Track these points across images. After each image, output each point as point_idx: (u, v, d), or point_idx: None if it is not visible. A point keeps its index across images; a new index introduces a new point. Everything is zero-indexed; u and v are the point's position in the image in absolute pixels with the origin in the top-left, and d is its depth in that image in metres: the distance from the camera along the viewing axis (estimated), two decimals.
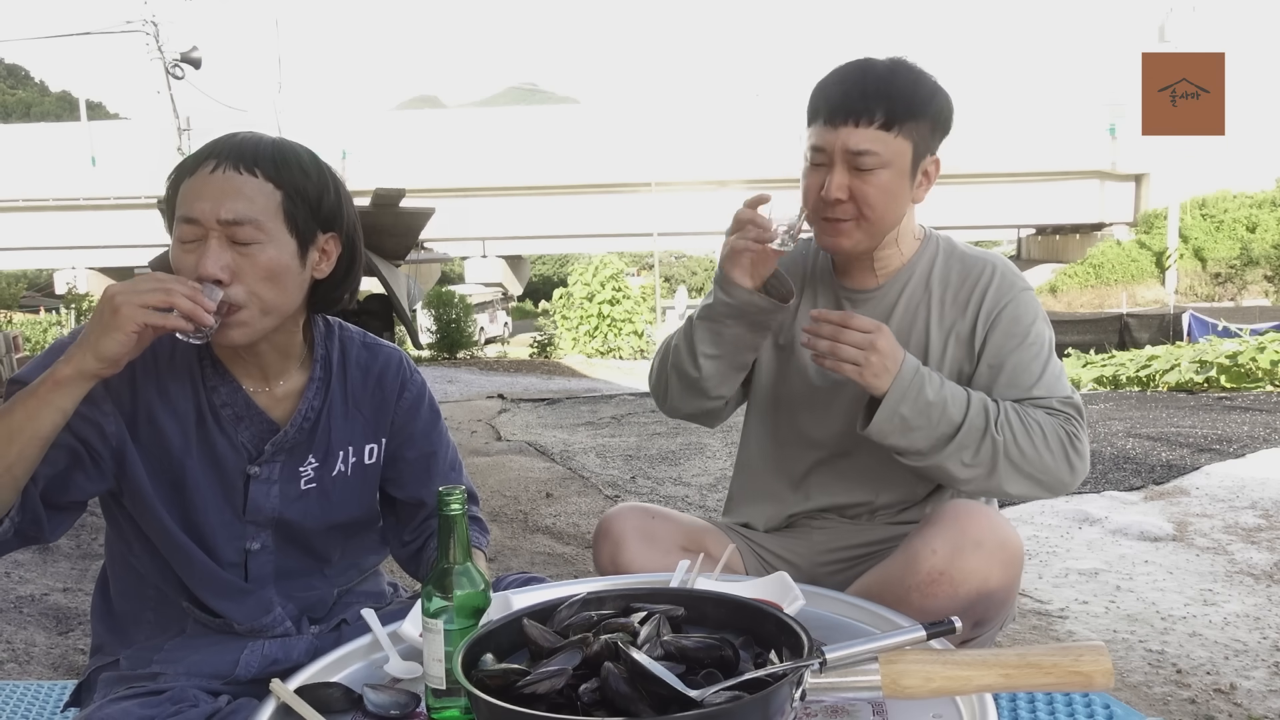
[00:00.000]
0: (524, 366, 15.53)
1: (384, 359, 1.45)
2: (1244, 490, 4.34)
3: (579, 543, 3.78)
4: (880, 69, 1.48)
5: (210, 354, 1.31)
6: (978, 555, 1.34)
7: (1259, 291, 23.12)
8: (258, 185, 1.22)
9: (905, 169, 1.49)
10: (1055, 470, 1.44)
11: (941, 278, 1.60)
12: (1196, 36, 20.48)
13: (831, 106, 1.48)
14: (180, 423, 1.29)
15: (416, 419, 1.47)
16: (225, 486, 1.32)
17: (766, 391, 1.71)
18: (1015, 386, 1.50)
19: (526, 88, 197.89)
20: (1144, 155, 25.10)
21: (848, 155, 1.47)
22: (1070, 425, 1.46)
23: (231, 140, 1.25)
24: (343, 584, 1.47)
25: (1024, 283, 1.59)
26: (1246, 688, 2.33)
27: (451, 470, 1.52)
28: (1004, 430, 1.41)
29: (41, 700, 1.78)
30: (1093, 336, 15.36)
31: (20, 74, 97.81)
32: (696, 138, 27.08)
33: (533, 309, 35.40)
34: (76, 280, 26.23)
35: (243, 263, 1.21)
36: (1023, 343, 1.52)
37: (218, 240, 1.20)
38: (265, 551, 1.36)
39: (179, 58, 18.47)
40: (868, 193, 1.48)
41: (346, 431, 1.40)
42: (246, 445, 1.32)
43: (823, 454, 1.66)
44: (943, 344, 1.57)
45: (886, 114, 1.45)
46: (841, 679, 0.89)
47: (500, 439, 6.64)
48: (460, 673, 0.90)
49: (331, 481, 1.39)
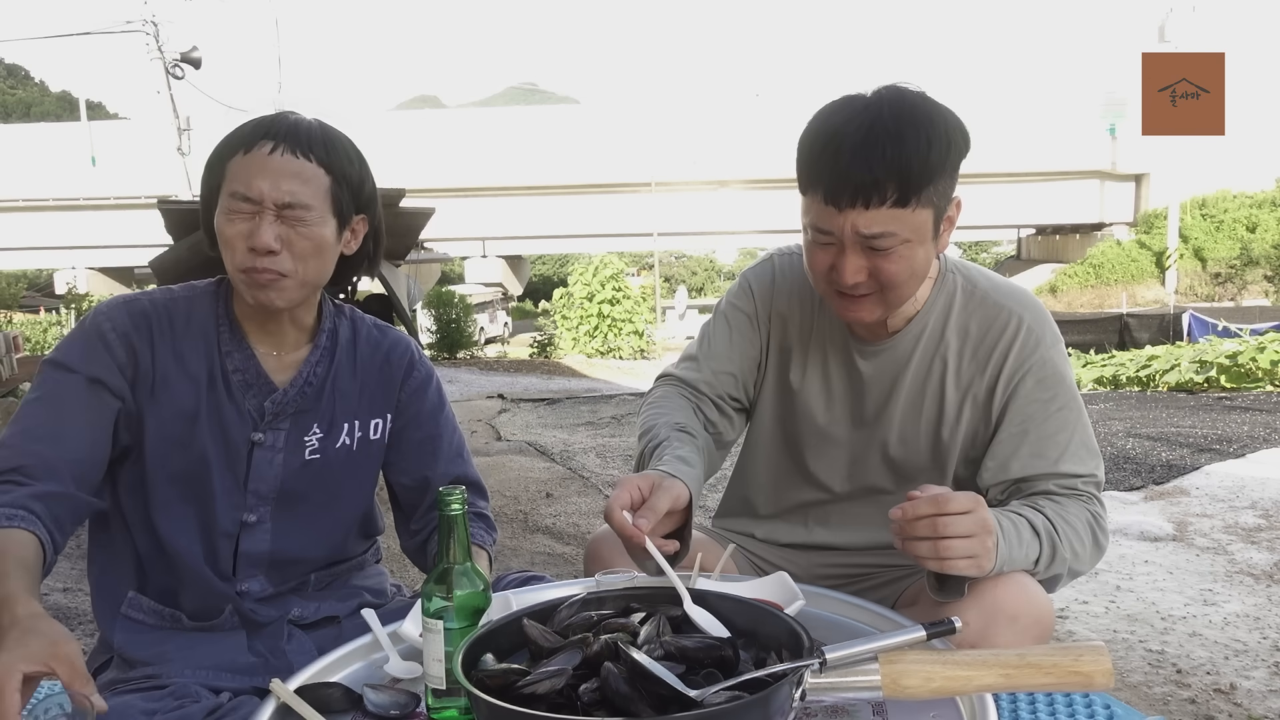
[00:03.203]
0: (524, 366, 15.54)
1: (393, 339, 1.50)
2: (1244, 490, 4.34)
3: (579, 543, 3.78)
4: (885, 127, 1.23)
5: (229, 318, 1.37)
6: (1011, 631, 1.20)
7: (1259, 291, 23.13)
8: (312, 170, 1.29)
9: (927, 235, 1.30)
10: (1091, 562, 1.37)
11: (960, 327, 1.43)
12: (1196, 36, 20.48)
13: (831, 183, 1.25)
14: (194, 384, 1.33)
15: (423, 400, 1.50)
16: (229, 452, 1.35)
17: (769, 429, 1.60)
18: (1041, 458, 1.37)
19: (526, 88, 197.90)
20: (1144, 155, 25.12)
21: (859, 238, 1.27)
22: (1094, 507, 1.36)
23: (284, 122, 1.30)
24: (328, 577, 1.48)
25: (1052, 335, 1.41)
26: (1246, 688, 2.33)
27: (458, 457, 1.54)
28: (1065, 549, 1.31)
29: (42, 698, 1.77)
30: (1093, 336, 15.37)
31: (20, 74, 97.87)
32: (696, 138, 27.10)
33: (533, 309, 35.41)
34: (76, 280, 26.25)
35: (292, 236, 1.28)
36: (1048, 410, 1.38)
37: (271, 215, 1.27)
38: (261, 526, 1.37)
39: (179, 58, 18.45)
40: (889, 271, 1.29)
41: (352, 403, 1.43)
42: (252, 413, 1.36)
43: (826, 496, 1.57)
44: (959, 405, 1.44)
45: (900, 188, 1.23)
46: (841, 679, 0.89)
47: (500, 439, 6.64)
48: (460, 673, 0.90)
49: (335, 454, 1.41)
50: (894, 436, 1.49)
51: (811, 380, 1.53)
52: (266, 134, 1.28)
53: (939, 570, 1.16)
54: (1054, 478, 1.37)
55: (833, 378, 1.52)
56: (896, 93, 1.28)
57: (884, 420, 1.49)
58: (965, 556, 1.14)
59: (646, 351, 18.60)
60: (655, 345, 19.22)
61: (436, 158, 27.46)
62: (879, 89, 1.30)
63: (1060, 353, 1.42)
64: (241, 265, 1.28)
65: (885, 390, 1.48)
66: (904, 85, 1.31)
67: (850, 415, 1.52)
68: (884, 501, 1.42)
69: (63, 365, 1.28)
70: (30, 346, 14.14)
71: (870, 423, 1.51)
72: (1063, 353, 1.43)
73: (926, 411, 1.46)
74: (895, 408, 1.48)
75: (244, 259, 1.27)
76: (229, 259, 1.30)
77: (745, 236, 32.25)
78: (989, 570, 1.18)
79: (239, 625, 1.37)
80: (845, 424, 1.53)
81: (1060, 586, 1.38)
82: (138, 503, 1.32)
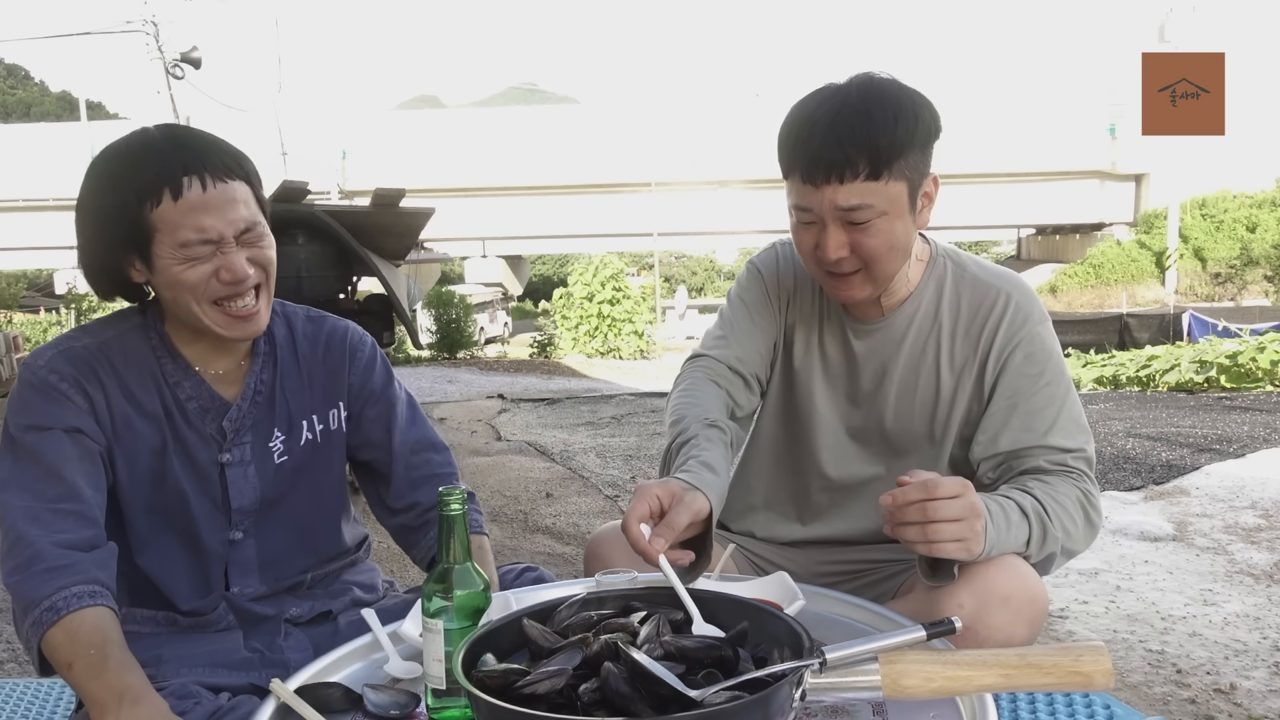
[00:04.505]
0: (524, 366, 15.53)
1: (329, 327, 1.49)
2: (1244, 490, 4.34)
3: (579, 543, 3.78)
4: (854, 108, 1.31)
5: (167, 347, 1.34)
6: (1004, 612, 1.23)
7: (1259, 291, 23.11)
8: (241, 186, 1.27)
9: (904, 208, 1.36)
10: (1085, 541, 1.38)
11: (951, 307, 1.49)
12: (1196, 36, 20.48)
13: (807, 162, 1.33)
14: (152, 420, 1.32)
15: (371, 377, 1.51)
16: (202, 478, 1.35)
17: (773, 411, 1.63)
18: (1029, 431, 1.40)
19: (526, 88, 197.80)
20: (1144, 155, 25.09)
21: (838, 212, 1.33)
22: (1084, 485, 1.38)
23: (185, 152, 1.23)
24: (323, 575, 1.48)
25: (1039, 313, 1.47)
26: (1246, 688, 2.33)
27: (414, 422, 1.54)
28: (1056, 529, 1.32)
29: (41, 700, 1.78)
30: (1093, 336, 15.36)
31: (20, 74, 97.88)
32: (696, 138, 27.08)
33: (533, 309, 35.39)
34: (76, 280, 26.19)
35: (257, 255, 1.28)
36: (1036, 384, 1.42)
37: (232, 245, 1.25)
38: (247, 538, 1.39)
39: (179, 58, 18.44)
40: (869, 245, 1.35)
41: (305, 401, 1.43)
42: (214, 435, 1.36)
43: (824, 483, 1.59)
44: (954, 384, 1.48)
45: (871, 162, 1.30)
46: (841, 679, 0.89)
47: (500, 439, 6.64)
48: (460, 673, 0.90)
49: (302, 450, 1.42)
50: (889, 414, 1.52)
51: (811, 359, 1.57)
52: (183, 170, 1.22)
53: (928, 554, 1.19)
54: (1043, 451, 1.39)
55: (830, 356, 1.56)
56: (866, 77, 1.36)
57: (879, 398, 1.52)
58: (954, 540, 1.17)
59: (646, 352, 18.59)
60: (655, 345, 19.22)
61: (436, 158, 27.44)
62: (852, 76, 1.38)
63: (1048, 330, 1.46)
64: (213, 297, 1.26)
65: (879, 369, 1.51)
66: (875, 73, 1.38)
67: (846, 393, 1.55)
68: (880, 489, 1.42)
69: (35, 426, 1.24)
70: (30, 346, 14.13)
71: (865, 401, 1.53)
72: (1050, 331, 1.47)
73: (921, 392, 1.48)
74: (890, 387, 1.51)
75: (217, 292, 1.26)
76: (190, 301, 1.26)
77: (745, 236, 32.22)
78: (978, 554, 1.20)
79: (235, 624, 1.37)
80: (843, 402, 1.55)
81: (1055, 568, 1.39)
82: (117, 538, 1.30)
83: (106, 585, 1.19)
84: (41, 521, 1.19)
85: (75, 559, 1.17)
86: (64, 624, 1.12)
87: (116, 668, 1.10)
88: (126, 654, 1.13)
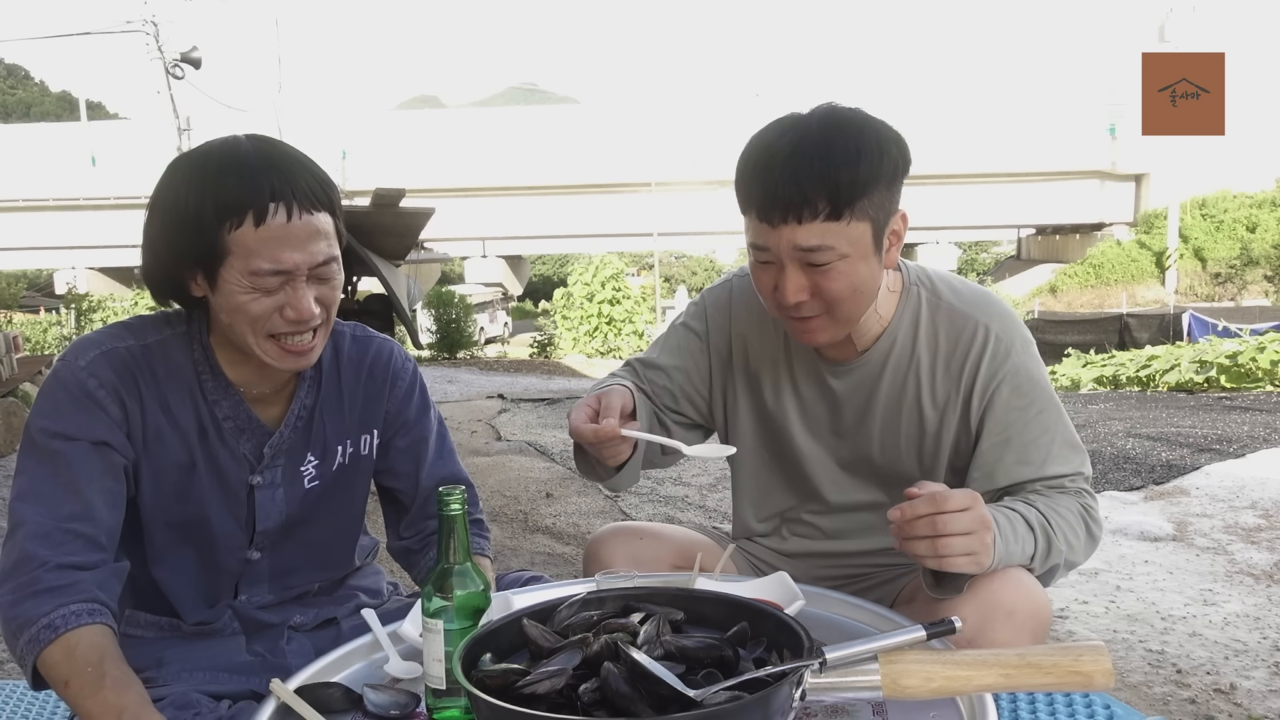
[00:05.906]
0: (524, 366, 15.53)
1: (375, 351, 1.44)
2: (1244, 490, 4.34)
3: (579, 543, 3.78)
4: (813, 140, 1.23)
5: (210, 363, 1.29)
6: (1008, 626, 1.19)
7: (1259, 291, 23.13)
8: (326, 219, 1.20)
9: (868, 249, 1.27)
10: (1086, 553, 1.38)
11: (929, 340, 1.42)
12: (1196, 36, 20.49)
13: (763, 200, 1.25)
14: (184, 435, 1.28)
15: (409, 405, 1.47)
16: (229, 499, 1.32)
17: (754, 451, 1.58)
18: (1027, 464, 1.36)
19: (526, 88, 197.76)
20: (1144, 155, 25.12)
21: (797, 253, 1.25)
22: (1084, 499, 1.37)
23: (275, 174, 1.16)
24: (330, 585, 1.48)
25: (1021, 340, 1.40)
26: (1246, 688, 2.33)
27: (444, 457, 1.50)
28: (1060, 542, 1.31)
29: (41, 700, 1.77)
30: (1093, 336, 15.39)
31: (20, 74, 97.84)
32: (696, 138, 27.07)
33: (533, 309, 35.40)
34: (76, 280, 26.20)
35: (324, 291, 1.22)
36: (1027, 415, 1.37)
37: (303, 279, 1.19)
38: (264, 557, 1.38)
39: (179, 58, 18.46)
40: (831, 288, 1.27)
41: (342, 426, 1.40)
42: (248, 456, 1.32)
43: (821, 508, 1.56)
44: (938, 420, 1.42)
45: (831, 201, 1.21)
46: (841, 679, 0.89)
47: (500, 439, 6.63)
48: (460, 673, 0.90)
49: (331, 475, 1.40)
50: (876, 449, 1.48)
51: (786, 402, 1.52)
52: (270, 195, 1.14)
53: (939, 569, 1.16)
54: (1042, 481, 1.37)
55: (806, 399, 1.51)
56: (828, 108, 1.28)
57: (863, 434, 1.48)
58: (964, 554, 1.14)
59: None
60: None
61: (436, 158, 27.46)
62: (814, 107, 1.30)
63: (1032, 356, 1.41)
64: (272, 331, 1.21)
65: (861, 406, 1.47)
66: (838, 104, 1.30)
67: (830, 429, 1.51)
68: (878, 510, 1.41)
69: (62, 434, 1.20)
70: (30, 347, 14.14)
71: (850, 435, 1.50)
72: (1034, 355, 1.42)
73: (905, 427, 1.45)
74: (873, 423, 1.47)
75: (277, 327, 1.20)
76: (246, 332, 1.20)
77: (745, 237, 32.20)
78: (988, 566, 1.18)
79: (239, 630, 1.36)
80: (828, 437, 1.52)
81: (1055, 580, 1.38)
82: (133, 549, 1.29)
83: (105, 604, 1.16)
84: (51, 541, 1.16)
85: (76, 578, 1.15)
86: (62, 641, 1.11)
87: (114, 685, 1.09)
88: (124, 671, 1.11)
